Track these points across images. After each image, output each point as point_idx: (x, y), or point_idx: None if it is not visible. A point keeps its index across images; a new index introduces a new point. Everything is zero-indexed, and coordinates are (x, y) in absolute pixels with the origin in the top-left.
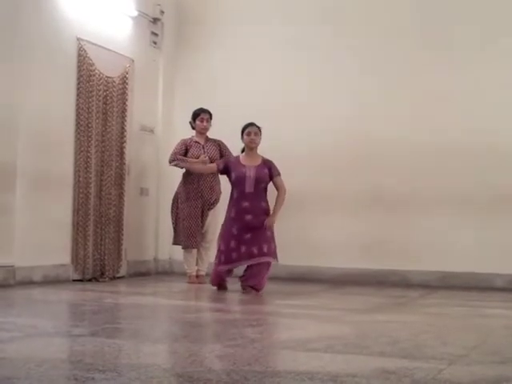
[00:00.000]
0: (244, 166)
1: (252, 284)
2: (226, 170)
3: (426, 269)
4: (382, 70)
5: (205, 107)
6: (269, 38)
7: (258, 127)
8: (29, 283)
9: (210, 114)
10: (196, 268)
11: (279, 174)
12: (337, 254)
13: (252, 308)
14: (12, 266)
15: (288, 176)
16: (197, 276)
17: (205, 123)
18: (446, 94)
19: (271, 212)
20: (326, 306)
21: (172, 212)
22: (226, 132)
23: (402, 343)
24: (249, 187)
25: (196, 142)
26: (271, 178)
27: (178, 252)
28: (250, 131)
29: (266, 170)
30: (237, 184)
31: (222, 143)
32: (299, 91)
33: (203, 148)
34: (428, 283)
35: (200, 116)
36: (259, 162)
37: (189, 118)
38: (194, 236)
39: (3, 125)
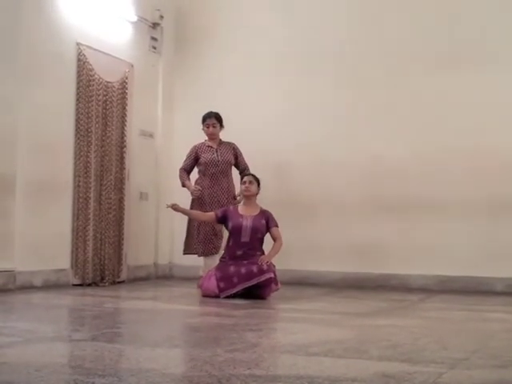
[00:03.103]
0: (241, 215)
1: (259, 294)
2: (224, 219)
3: (426, 273)
4: (383, 80)
5: (213, 110)
6: (269, 43)
7: (255, 177)
8: (29, 288)
9: (218, 118)
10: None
11: (277, 226)
12: (337, 258)
13: (252, 312)
14: (12, 271)
15: (289, 182)
16: None
17: (211, 129)
18: (445, 100)
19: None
20: (326, 310)
21: (189, 221)
22: (226, 136)
23: (402, 347)
24: (244, 237)
25: (209, 146)
26: (268, 228)
27: (177, 257)
28: (246, 180)
29: (263, 221)
30: (233, 233)
31: (236, 147)
32: (300, 95)
33: (216, 152)
34: (428, 287)
35: (205, 122)
36: (257, 212)
37: (188, 122)
38: (212, 241)
39: (3, 129)
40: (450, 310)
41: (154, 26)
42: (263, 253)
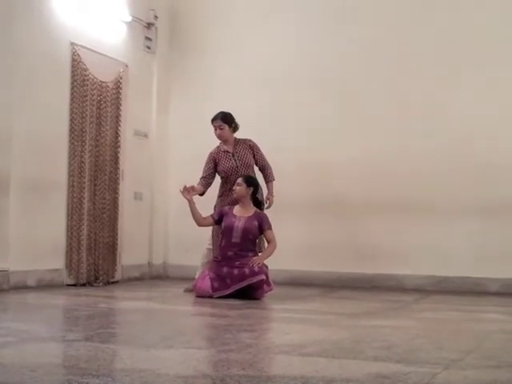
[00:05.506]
0: (235, 216)
1: (252, 295)
2: (220, 221)
3: (421, 273)
4: (377, 79)
5: (223, 110)
6: (264, 42)
7: (249, 177)
8: (23, 288)
9: (224, 119)
10: None
11: (270, 228)
12: (332, 259)
13: (246, 313)
14: (6, 271)
15: (282, 182)
16: None
17: (218, 131)
18: (441, 100)
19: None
20: (321, 311)
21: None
22: None
23: (397, 348)
24: (235, 237)
25: (225, 151)
26: (262, 231)
27: (172, 257)
28: (235, 182)
29: (256, 223)
30: (224, 233)
31: (253, 143)
32: (297, 95)
33: (233, 156)
34: (423, 288)
35: (212, 124)
36: (251, 213)
37: (183, 121)
38: (216, 249)
39: None
40: (444, 311)
41: (149, 26)
42: (256, 254)
